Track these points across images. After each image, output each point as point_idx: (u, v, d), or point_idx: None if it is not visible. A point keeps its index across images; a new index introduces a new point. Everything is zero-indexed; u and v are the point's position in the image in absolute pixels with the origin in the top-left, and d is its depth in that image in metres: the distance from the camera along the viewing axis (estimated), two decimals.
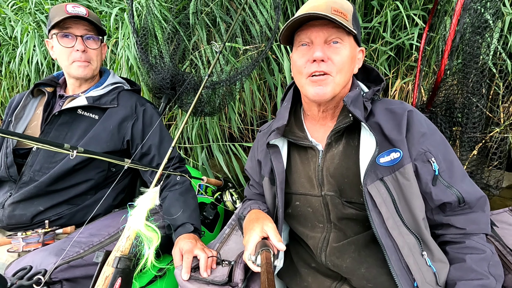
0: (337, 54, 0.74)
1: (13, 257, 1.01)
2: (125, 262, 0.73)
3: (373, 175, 0.73)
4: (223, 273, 0.83)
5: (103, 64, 2.37)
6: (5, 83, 2.96)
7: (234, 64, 1.83)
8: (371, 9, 2.04)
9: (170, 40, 1.75)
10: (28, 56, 2.53)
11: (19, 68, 2.69)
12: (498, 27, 1.11)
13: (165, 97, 1.53)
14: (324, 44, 0.74)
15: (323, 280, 0.84)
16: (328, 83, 0.75)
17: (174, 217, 1.06)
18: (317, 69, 0.74)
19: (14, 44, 2.80)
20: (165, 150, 1.20)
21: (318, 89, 0.75)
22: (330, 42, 0.74)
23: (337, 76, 0.75)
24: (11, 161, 1.08)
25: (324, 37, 0.74)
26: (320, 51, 0.73)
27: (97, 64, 1.19)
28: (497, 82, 1.72)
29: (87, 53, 1.14)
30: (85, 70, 1.15)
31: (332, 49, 0.74)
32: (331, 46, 0.74)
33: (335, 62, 0.74)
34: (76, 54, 1.12)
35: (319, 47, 0.74)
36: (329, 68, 0.74)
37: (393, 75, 2.01)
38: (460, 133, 1.19)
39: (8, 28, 2.80)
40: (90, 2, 2.47)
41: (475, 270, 0.70)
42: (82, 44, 1.12)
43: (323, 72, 0.74)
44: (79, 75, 1.15)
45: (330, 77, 0.75)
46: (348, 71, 0.78)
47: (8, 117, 1.21)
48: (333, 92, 0.76)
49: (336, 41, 0.74)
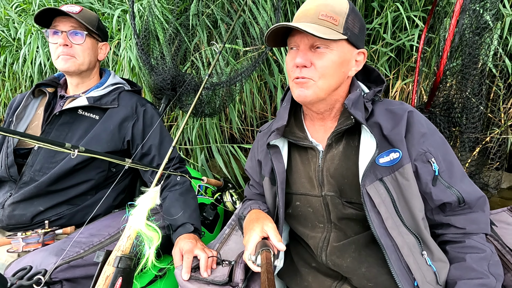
0: (320, 59, 0.74)
1: (13, 257, 1.01)
2: (126, 262, 0.73)
3: (372, 176, 0.73)
4: (224, 273, 0.83)
5: (104, 65, 2.39)
6: (8, 84, 2.99)
7: (234, 66, 1.84)
8: (371, 11, 2.04)
9: (172, 42, 1.76)
10: (31, 57, 2.56)
11: (22, 69, 2.72)
12: (496, 28, 1.12)
13: (166, 98, 1.54)
14: (310, 48, 0.74)
15: (324, 280, 0.84)
16: (309, 86, 0.75)
17: (174, 217, 1.06)
18: (299, 74, 0.75)
19: (18, 45, 2.83)
20: (165, 150, 1.20)
21: (300, 91, 0.76)
22: (315, 47, 0.74)
23: (319, 81, 0.75)
24: (11, 161, 1.08)
25: (309, 43, 0.74)
26: (301, 57, 0.74)
27: (83, 60, 1.16)
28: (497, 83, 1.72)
29: (71, 47, 1.13)
30: (67, 62, 1.13)
31: (316, 54, 0.74)
32: (316, 51, 0.74)
33: (318, 67, 0.74)
34: (60, 49, 1.12)
35: (302, 53, 0.74)
36: (310, 74, 0.74)
37: (393, 76, 2.02)
38: (459, 133, 1.20)
39: (11, 30, 2.84)
40: (93, 3, 2.49)
41: (475, 269, 0.70)
42: (65, 38, 1.12)
43: (303, 77, 0.75)
44: (62, 68, 1.15)
45: (311, 81, 0.75)
46: (335, 76, 0.76)
47: (9, 118, 1.21)
48: (315, 96, 0.76)
49: (320, 46, 0.73)
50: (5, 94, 3.03)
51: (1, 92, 3.09)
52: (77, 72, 1.18)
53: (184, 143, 2.38)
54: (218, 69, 1.81)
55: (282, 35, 0.79)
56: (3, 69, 2.99)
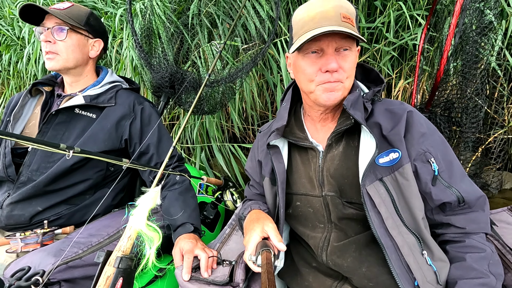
0: (346, 62, 0.75)
1: (11, 258, 1.01)
2: (127, 262, 0.72)
3: (372, 176, 0.73)
4: (224, 273, 0.83)
5: (106, 64, 2.38)
6: (13, 83, 3.02)
7: (233, 64, 1.83)
8: (374, 9, 2.03)
9: (174, 41, 1.75)
10: (35, 56, 2.58)
11: (26, 68, 2.75)
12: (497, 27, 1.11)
13: (164, 96, 1.53)
14: (336, 51, 0.75)
15: (324, 280, 0.84)
16: (340, 89, 0.77)
17: (173, 217, 1.06)
18: (330, 79, 0.75)
19: (22, 44, 2.86)
20: (163, 149, 1.19)
21: (331, 94, 0.76)
22: (340, 50, 0.75)
23: (346, 81, 0.77)
24: (9, 161, 1.07)
25: (335, 46, 0.74)
26: (335, 62, 0.73)
27: (67, 56, 1.12)
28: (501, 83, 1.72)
29: (54, 44, 1.10)
30: (51, 62, 1.11)
31: (342, 57, 0.75)
32: (341, 53, 0.75)
33: (346, 69, 0.75)
34: (44, 46, 1.11)
35: (333, 57, 0.74)
36: (340, 76, 0.75)
37: (396, 76, 2.01)
38: (460, 132, 1.20)
39: (16, 29, 2.87)
40: (96, 3, 2.49)
41: (476, 268, 0.70)
42: (47, 35, 1.10)
43: (338, 81, 0.76)
44: (48, 67, 1.13)
45: (341, 83, 0.76)
46: (353, 76, 0.80)
47: (7, 117, 1.20)
48: (342, 97, 0.79)
49: (346, 48, 0.75)
50: (10, 93, 3.06)
51: (6, 90, 3.13)
52: (64, 70, 1.15)
53: (185, 142, 2.37)
54: (218, 67, 1.80)
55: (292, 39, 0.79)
56: (8, 68, 3.02)
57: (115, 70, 2.30)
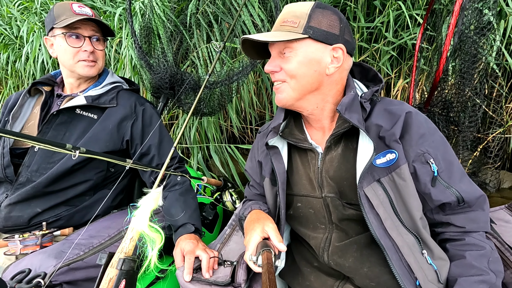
0: (286, 63, 0.78)
1: (10, 260, 0.99)
2: (129, 264, 0.72)
3: (370, 177, 0.73)
4: (226, 274, 0.83)
5: (106, 64, 2.37)
6: (11, 82, 3.01)
7: (232, 64, 1.83)
8: (373, 9, 2.04)
9: (173, 40, 1.75)
10: (33, 55, 2.57)
11: (25, 67, 2.74)
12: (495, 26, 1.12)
13: (164, 97, 1.52)
14: (278, 55, 0.80)
15: (326, 279, 0.85)
16: (283, 90, 0.80)
17: (174, 218, 1.06)
18: (273, 79, 0.82)
19: (20, 43, 2.85)
20: (164, 150, 1.19)
21: (277, 96, 0.83)
22: (282, 53, 0.79)
23: (291, 81, 0.79)
24: (7, 162, 1.06)
25: (276, 50, 0.80)
26: (268, 64, 0.81)
27: (102, 63, 1.20)
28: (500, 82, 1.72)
29: (94, 53, 1.15)
30: (91, 69, 1.15)
31: (283, 59, 0.79)
32: (283, 56, 0.79)
33: (286, 70, 0.78)
34: (83, 54, 1.12)
35: (270, 61, 0.82)
36: (281, 77, 0.80)
37: (395, 75, 2.02)
38: (457, 132, 1.21)
39: (14, 28, 2.87)
40: (95, 2, 2.48)
41: (475, 266, 0.71)
42: (91, 45, 1.13)
43: (279, 80, 0.80)
44: (85, 74, 1.15)
45: (284, 83, 0.80)
46: (306, 75, 0.77)
47: (5, 117, 1.19)
48: (289, 97, 0.81)
49: (285, 51, 0.78)
50: (8, 92, 3.05)
51: (4, 90, 3.13)
52: (94, 76, 1.20)
53: (184, 142, 2.37)
54: (217, 67, 1.80)
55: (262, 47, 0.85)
56: (5, 67, 3.00)
57: (114, 69, 2.29)
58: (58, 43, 1.11)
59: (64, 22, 1.06)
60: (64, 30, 1.09)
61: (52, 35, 1.12)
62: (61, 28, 1.09)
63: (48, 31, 1.14)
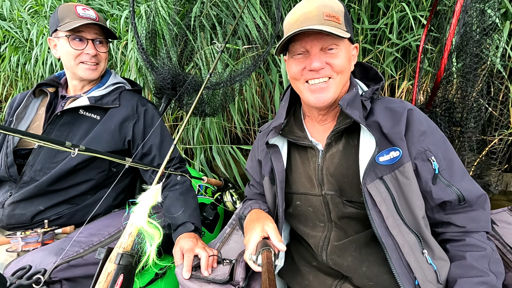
0: (335, 59, 0.76)
1: (12, 257, 1.01)
2: (128, 259, 0.73)
3: (373, 174, 0.73)
4: (224, 272, 0.83)
5: (112, 65, 2.40)
6: (21, 84, 3.09)
7: (234, 66, 1.85)
8: (377, 11, 2.04)
9: (178, 42, 1.77)
10: (43, 58, 2.63)
11: (34, 69, 2.81)
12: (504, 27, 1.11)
13: (166, 97, 1.54)
14: (321, 51, 0.76)
15: (325, 279, 0.84)
16: (330, 86, 0.78)
17: (174, 217, 1.06)
18: (315, 75, 0.77)
19: (30, 46, 2.92)
20: (166, 150, 1.20)
21: (320, 96, 0.78)
22: (326, 49, 0.76)
23: (337, 77, 0.78)
24: (11, 161, 1.08)
25: (319, 46, 0.76)
26: (317, 61, 0.75)
27: (104, 66, 1.22)
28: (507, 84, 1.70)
29: (96, 56, 1.16)
30: (92, 72, 1.17)
31: (329, 55, 0.76)
32: (327, 52, 0.76)
33: (334, 65, 0.76)
34: (85, 56, 1.14)
35: (316, 57, 0.76)
36: (328, 72, 0.77)
37: (399, 77, 2.01)
38: (460, 132, 1.20)
39: (24, 31, 2.94)
40: (102, 5, 2.53)
41: (476, 267, 0.70)
42: (93, 48, 1.15)
43: (326, 76, 0.77)
44: (86, 77, 1.16)
45: (331, 79, 0.77)
46: (348, 71, 0.80)
47: (10, 117, 1.21)
48: (335, 94, 0.79)
49: (332, 47, 0.76)
50: (18, 93, 3.14)
51: (14, 91, 3.21)
52: (96, 79, 1.21)
53: (188, 143, 2.38)
54: (219, 68, 1.81)
55: (284, 43, 0.79)
56: (16, 69, 3.09)
57: (120, 71, 2.32)
58: (61, 45, 1.14)
59: (68, 25, 1.08)
60: (67, 33, 1.11)
61: (56, 36, 1.15)
62: (65, 31, 1.11)
63: (52, 32, 1.16)
